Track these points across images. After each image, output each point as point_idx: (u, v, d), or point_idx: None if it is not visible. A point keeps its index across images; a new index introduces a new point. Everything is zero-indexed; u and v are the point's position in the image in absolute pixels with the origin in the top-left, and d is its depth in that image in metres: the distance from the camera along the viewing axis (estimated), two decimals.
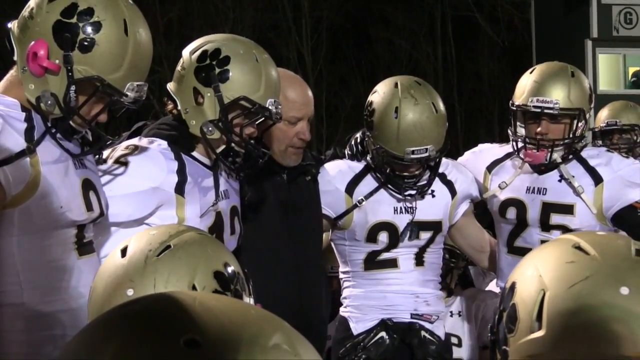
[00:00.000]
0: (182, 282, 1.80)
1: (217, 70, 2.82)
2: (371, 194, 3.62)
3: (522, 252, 3.66)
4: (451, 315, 4.27)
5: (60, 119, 2.44)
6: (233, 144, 2.88)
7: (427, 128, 3.45)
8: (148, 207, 2.78)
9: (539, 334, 1.44)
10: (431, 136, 3.46)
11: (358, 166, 3.70)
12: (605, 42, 23.71)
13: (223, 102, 2.81)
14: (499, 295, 4.05)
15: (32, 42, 2.39)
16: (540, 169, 3.64)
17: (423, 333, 3.68)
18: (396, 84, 3.54)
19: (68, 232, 2.52)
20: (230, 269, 1.88)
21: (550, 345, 1.41)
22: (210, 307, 0.92)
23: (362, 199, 3.61)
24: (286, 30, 33.05)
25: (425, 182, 3.60)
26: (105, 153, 2.76)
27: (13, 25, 2.47)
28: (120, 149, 2.79)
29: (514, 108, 3.61)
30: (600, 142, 5.54)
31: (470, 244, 3.98)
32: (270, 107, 2.85)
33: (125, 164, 2.75)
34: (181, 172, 2.84)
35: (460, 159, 3.94)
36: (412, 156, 3.46)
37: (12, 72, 2.50)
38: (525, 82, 3.61)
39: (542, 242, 3.60)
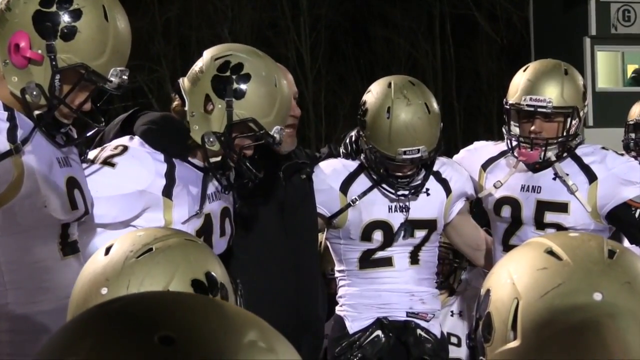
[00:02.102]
0: (155, 287, 1.77)
1: (235, 85, 2.79)
2: (365, 193, 3.61)
3: None
4: (452, 315, 4.26)
5: (45, 113, 2.42)
6: (229, 160, 2.86)
7: (419, 129, 3.44)
8: (134, 209, 2.77)
9: (515, 344, 1.42)
10: (423, 137, 3.45)
11: (352, 165, 3.70)
12: (604, 40, 23.71)
13: (232, 119, 2.78)
14: None
15: (12, 34, 2.37)
16: (535, 167, 3.63)
17: (419, 331, 3.68)
18: (389, 84, 3.53)
19: (52, 232, 2.50)
20: (212, 279, 1.84)
21: (526, 356, 1.40)
22: (186, 305, 0.92)
23: (355, 199, 3.61)
24: (285, 29, 33.04)
25: (419, 182, 3.59)
26: (94, 153, 2.73)
27: None
28: (109, 149, 2.77)
29: (508, 107, 3.60)
30: (633, 135, 5.54)
31: (466, 242, 3.97)
32: (275, 135, 2.82)
33: (113, 165, 2.73)
34: (170, 175, 2.81)
35: (455, 156, 3.94)
36: (404, 156, 3.45)
37: None
38: (519, 81, 3.59)
39: None
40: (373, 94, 3.57)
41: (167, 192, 2.81)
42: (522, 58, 29.82)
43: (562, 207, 3.59)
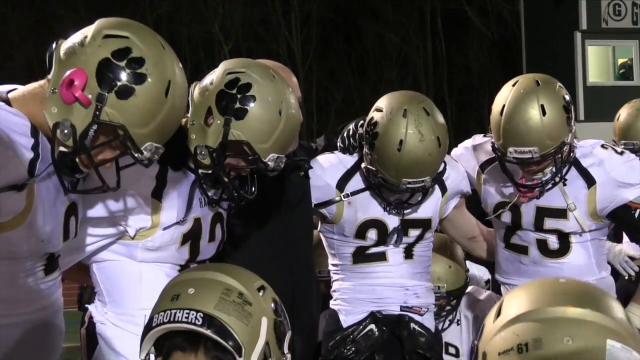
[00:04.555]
0: None
1: (238, 105, 2.73)
2: (359, 191, 3.59)
3: (519, 249, 3.67)
4: (449, 324, 4.25)
5: (69, 153, 2.37)
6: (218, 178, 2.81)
7: (428, 164, 3.37)
8: (122, 209, 2.75)
9: None
10: (431, 169, 3.40)
11: (350, 161, 3.65)
12: (595, 34, 23.73)
13: (227, 138, 2.73)
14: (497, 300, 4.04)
15: (73, 69, 2.33)
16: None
17: (412, 325, 3.67)
18: (405, 113, 3.39)
19: (40, 259, 2.49)
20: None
21: None
22: None
23: (347, 194, 3.58)
24: (276, 25, 32.98)
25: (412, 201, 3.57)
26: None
27: (60, 44, 2.41)
28: None
29: (497, 153, 3.49)
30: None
31: (461, 234, 3.96)
32: (269, 163, 2.76)
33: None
34: (161, 177, 2.79)
35: (454, 151, 3.88)
36: (408, 186, 3.40)
37: (40, 84, 2.43)
38: (499, 122, 3.43)
39: (538, 240, 3.61)
40: (385, 118, 3.42)
41: (157, 194, 2.78)
42: (513, 53, 29.84)
43: (562, 214, 3.56)
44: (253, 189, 2.87)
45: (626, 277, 4.54)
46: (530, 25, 26.43)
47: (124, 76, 2.33)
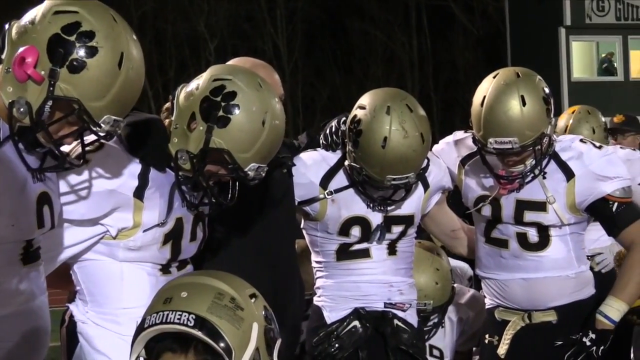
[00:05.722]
0: None
1: (221, 113, 2.70)
2: (342, 189, 3.59)
3: (499, 242, 3.68)
4: (442, 327, 4.25)
5: (28, 130, 2.37)
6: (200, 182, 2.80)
7: (412, 160, 3.38)
8: (102, 208, 2.72)
9: None
10: (414, 165, 3.41)
11: (333, 158, 3.65)
12: (579, 30, 23.87)
13: (207, 145, 2.70)
14: (480, 305, 4.02)
15: (25, 47, 2.33)
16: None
17: (396, 322, 3.67)
18: (388, 110, 3.39)
19: (15, 246, 2.47)
20: None
21: None
22: None
23: (331, 191, 3.58)
24: (261, 22, 32.98)
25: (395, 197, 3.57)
26: (68, 148, 2.69)
27: (12, 25, 2.41)
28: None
29: (477, 144, 3.53)
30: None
31: (443, 230, 3.98)
32: (249, 172, 2.74)
33: (87, 161, 2.70)
34: (143, 176, 2.76)
35: (435, 147, 3.89)
36: (393, 182, 3.41)
37: None
38: (480, 113, 3.47)
39: (518, 234, 3.63)
40: (369, 116, 3.42)
41: (139, 193, 2.75)
42: (498, 48, 29.93)
43: (541, 206, 3.58)
44: (233, 195, 2.84)
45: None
46: (515, 21, 26.53)
47: (74, 50, 2.33)
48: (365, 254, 3.65)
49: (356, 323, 3.64)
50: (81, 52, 2.33)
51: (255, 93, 2.73)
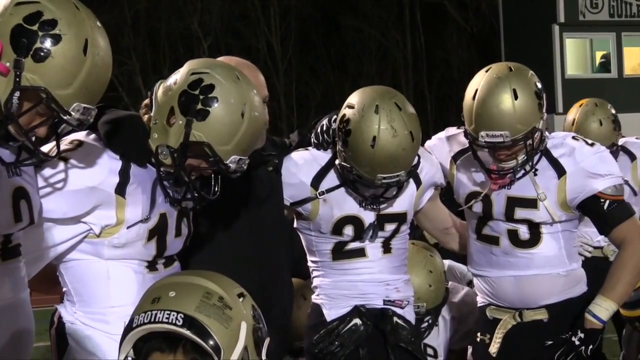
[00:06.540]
0: None
1: (200, 106, 2.71)
2: (334, 188, 3.58)
3: (490, 239, 3.68)
4: (436, 325, 4.25)
5: None
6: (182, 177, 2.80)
7: (401, 158, 3.38)
8: (84, 206, 2.72)
9: None
10: (405, 164, 3.40)
11: (324, 157, 3.64)
12: (572, 27, 23.89)
13: (187, 139, 2.71)
14: (474, 303, 4.01)
15: None
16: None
17: (395, 319, 3.67)
18: (376, 109, 3.38)
19: None
20: None
21: None
22: None
23: (322, 192, 3.57)
24: (255, 20, 32.95)
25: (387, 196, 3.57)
26: (49, 146, 2.69)
27: None
28: (65, 143, 2.71)
29: (468, 138, 3.53)
30: None
31: (435, 226, 3.98)
32: (230, 165, 2.75)
33: (66, 160, 2.69)
34: (124, 173, 2.77)
35: (427, 143, 3.89)
36: (383, 181, 3.41)
37: None
38: (471, 107, 3.47)
39: (509, 230, 3.62)
40: (357, 115, 3.40)
41: (120, 190, 2.76)
42: (492, 46, 29.97)
43: (532, 203, 3.57)
44: (216, 189, 2.85)
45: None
46: (508, 19, 26.54)
47: (36, 39, 2.32)
48: (360, 253, 3.65)
49: (357, 321, 3.64)
50: (45, 41, 2.33)
51: (234, 85, 2.74)
